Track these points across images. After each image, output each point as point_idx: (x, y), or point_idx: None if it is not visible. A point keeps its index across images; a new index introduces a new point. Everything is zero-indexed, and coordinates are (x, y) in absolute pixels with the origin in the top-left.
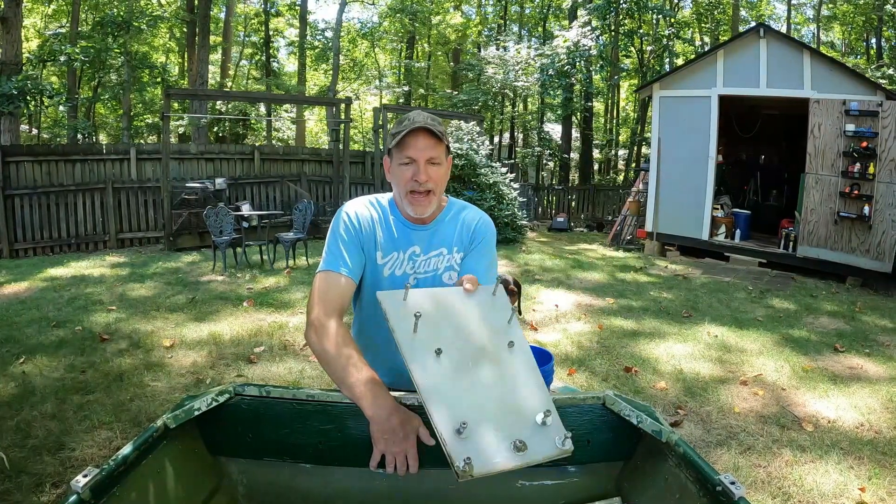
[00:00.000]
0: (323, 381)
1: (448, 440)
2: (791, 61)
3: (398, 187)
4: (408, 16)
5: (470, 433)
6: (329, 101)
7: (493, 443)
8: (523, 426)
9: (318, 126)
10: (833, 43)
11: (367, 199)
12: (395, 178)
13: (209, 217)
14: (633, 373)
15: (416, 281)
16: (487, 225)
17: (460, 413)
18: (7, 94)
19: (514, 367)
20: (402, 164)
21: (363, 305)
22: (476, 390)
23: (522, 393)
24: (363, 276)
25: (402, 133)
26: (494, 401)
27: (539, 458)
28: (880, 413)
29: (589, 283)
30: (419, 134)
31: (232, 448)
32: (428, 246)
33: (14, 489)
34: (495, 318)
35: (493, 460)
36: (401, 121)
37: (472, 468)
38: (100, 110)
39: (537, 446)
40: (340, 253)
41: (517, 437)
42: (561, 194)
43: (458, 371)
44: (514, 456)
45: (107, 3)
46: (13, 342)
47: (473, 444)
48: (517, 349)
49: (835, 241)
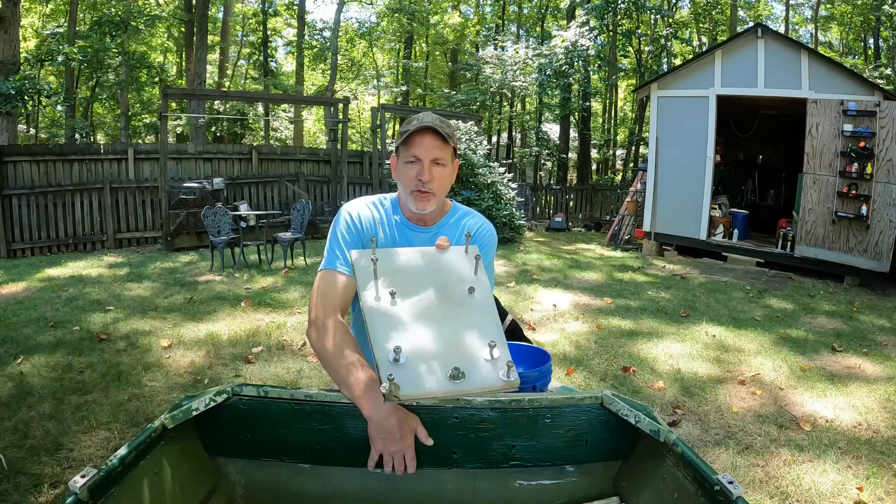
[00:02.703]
0: (321, 381)
1: (380, 365)
2: (789, 61)
3: (403, 186)
4: (406, 15)
5: (407, 360)
6: (327, 101)
7: (429, 370)
8: (466, 358)
9: (316, 126)
10: (831, 43)
11: (368, 200)
12: (401, 176)
13: (207, 217)
14: (630, 372)
15: None
16: (490, 232)
17: (400, 341)
18: (5, 93)
19: (470, 309)
20: (408, 162)
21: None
22: (424, 325)
23: (471, 330)
24: None
25: (409, 131)
26: (439, 335)
27: (476, 388)
28: (878, 412)
29: (587, 282)
30: (426, 133)
31: (230, 448)
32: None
33: (12, 490)
34: (462, 269)
35: (423, 385)
36: (409, 120)
37: (396, 388)
38: (97, 110)
39: (476, 377)
40: (342, 252)
41: (456, 366)
42: (559, 194)
43: (408, 309)
44: (448, 383)
45: (104, 2)
46: (11, 342)
47: (407, 370)
48: (477, 293)
49: (832, 241)
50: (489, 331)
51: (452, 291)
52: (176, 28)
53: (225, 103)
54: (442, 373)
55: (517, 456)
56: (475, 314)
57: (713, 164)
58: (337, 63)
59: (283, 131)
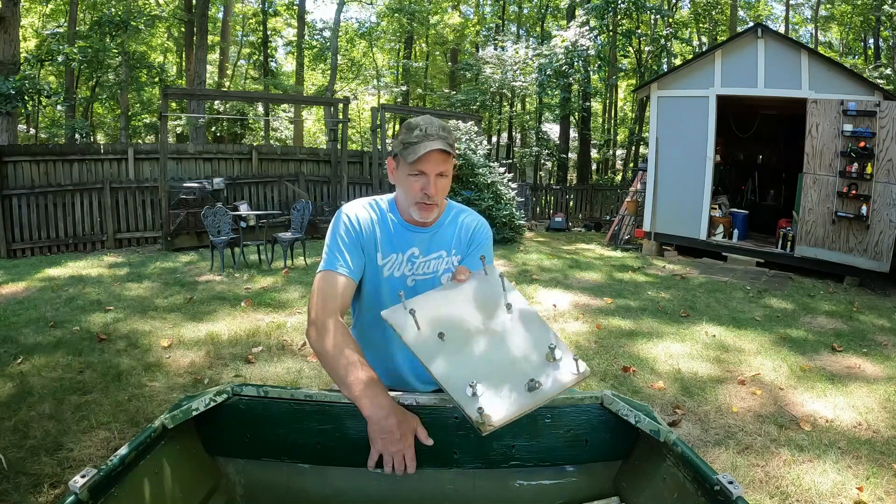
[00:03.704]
0: (321, 381)
1: (463, 404)
2: (789, 61)
3: (406, 195)
4: (406, 15)
5: (483, 391)
6: (327, 101)
7: (508, 390)
8: (534, 368)
9: (316, 126)
10: (831, 43)
11: (365, 202)
12: (403, 186)
13: (207, 217)
14: (630, 372)
15: (414, 283)
16: (485, 229)
17: (470, 376)
18: (5, 93)
19: (515, 324)
20: (412, 174)
21: (363, 306)
22: (483, 355)
23: (527, 342)
24: (363, 277)
25: (416, 151)
26: (502, 357)
27: (555, 391)
28: (878, 412)
29: (587, 282)
30: (433, 151)
31: (230, 448)
32: (427, 248)
33: (12, 490)
34: (491, 292)
35: (509, 406)
36: (411, 126)
37: (488, 417)
38: (97, 110)
39: (552, 381)
40: (341, 253)
41: (529, 379)
42: (559, 194)
43: (463, 345)
44: (530, 395)
45: (104, 2)
46: (11, 342)
47: (487, 399)
48: (515, 308)
49: (832, 241)
50: (542, 336)
51: (493, 314)
52: (176, 28)
53: (225, 103)
54: (520, 389)
55: (517, 456)
56: (523, 327)
57: (713, 164)
58: (337, 63)
59: (283, 131)
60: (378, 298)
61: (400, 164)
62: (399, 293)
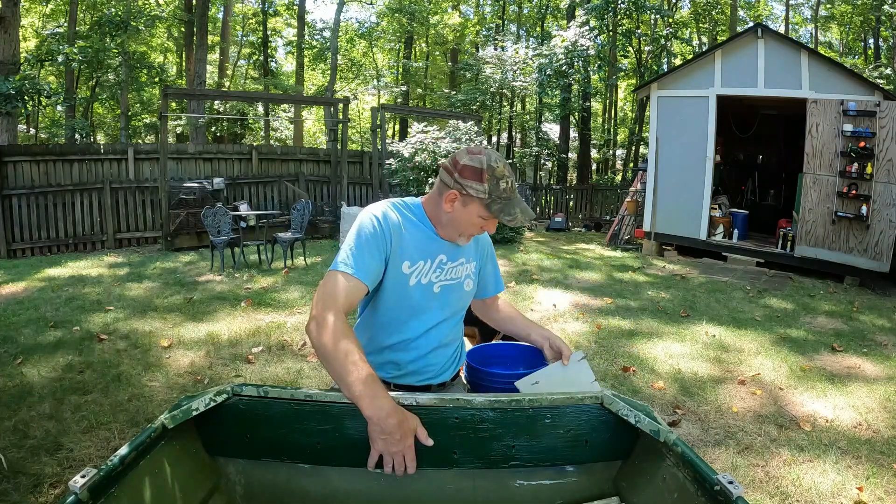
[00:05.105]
0: (321, 381)
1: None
2: (789, 61)
3: (460, 227)
4: (406, 16)
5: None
6: (327, 101)
7: None
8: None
9: (316, 126)
10: (831, 43)
11: (392, 204)
12: (465, 220)
13: (207, 217)
14: (630, 372)
15: (440, 289)
16: (486, 234)
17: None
18: (5, 93)
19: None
20: (481, 217)
21: (379, 310)
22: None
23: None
24: (383, 283)
25: (510, 212)
26: None
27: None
28: (878, 412)
29: (587, 282)
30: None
31: (230, 448)
32: (454, 255)
33: (12, 490)
34: (580, 378)
35: None
36: (496, 174)
37: None
38: (97, 110)
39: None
40: (361, 256)
41: None
42: (559, 194)
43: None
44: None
45: (104, 2)
46: (11, 342)
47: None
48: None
49: (832, 241)
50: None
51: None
52: (176, 28)
53: (225, 103)
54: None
55: (517, 456)
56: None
57: (713, 164)
58: (337, 63)
59: (283, 131)
60: (400, 306)
61: (474, 205)
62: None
